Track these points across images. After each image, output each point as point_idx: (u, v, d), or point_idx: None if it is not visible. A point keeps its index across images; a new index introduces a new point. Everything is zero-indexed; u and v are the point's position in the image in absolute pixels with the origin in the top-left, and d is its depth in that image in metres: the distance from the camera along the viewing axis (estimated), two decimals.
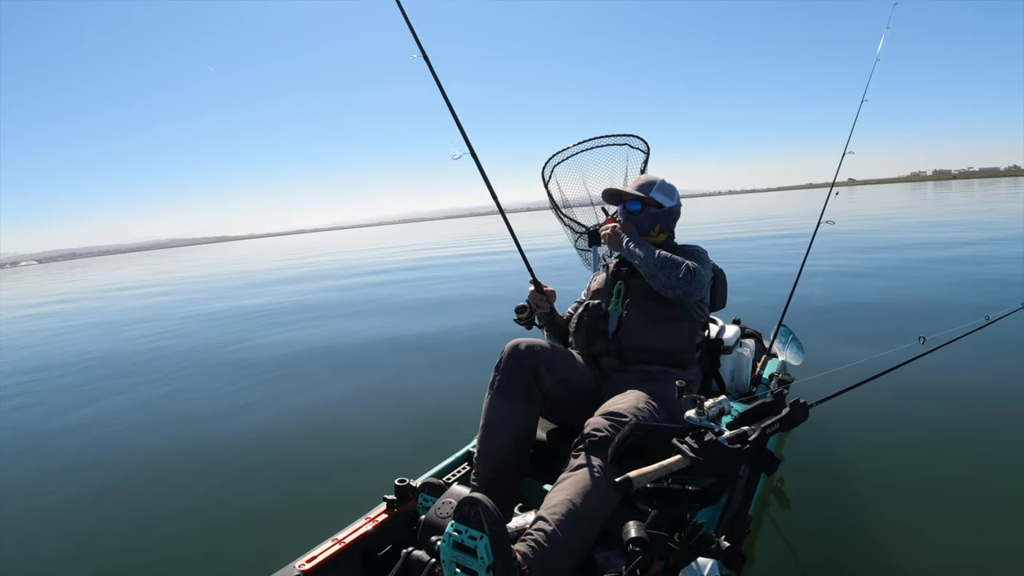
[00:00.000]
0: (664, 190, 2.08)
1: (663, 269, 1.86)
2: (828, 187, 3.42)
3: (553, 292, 2.20)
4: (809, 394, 1.50)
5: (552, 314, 2.21)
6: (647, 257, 1.90)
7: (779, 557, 2.07)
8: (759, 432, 1.35)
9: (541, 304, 2.16)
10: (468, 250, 18.02)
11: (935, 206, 24.59)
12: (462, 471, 2.03)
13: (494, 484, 1.67)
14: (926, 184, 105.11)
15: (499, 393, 1.78)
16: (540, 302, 2.16)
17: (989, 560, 1.96)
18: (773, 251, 11.11)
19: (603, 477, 1.46)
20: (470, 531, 1.23)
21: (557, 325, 2.22)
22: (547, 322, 2.21)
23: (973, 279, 6.74)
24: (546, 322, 2.21)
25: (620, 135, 2.61)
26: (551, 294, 2.19)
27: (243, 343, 6.52)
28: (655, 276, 1.87)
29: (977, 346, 2.82)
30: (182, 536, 2.50)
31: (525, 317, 2.17)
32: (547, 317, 2.20)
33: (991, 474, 2.48)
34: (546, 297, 2.17)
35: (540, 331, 2.26)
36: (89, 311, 12.26)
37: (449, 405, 3.76)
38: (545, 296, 2.17)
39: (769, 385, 2.68)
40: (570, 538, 1.37)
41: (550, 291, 2.20)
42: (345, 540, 1.65)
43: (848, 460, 2.69)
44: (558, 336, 2.23)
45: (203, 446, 3.50)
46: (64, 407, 4.67)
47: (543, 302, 2.16)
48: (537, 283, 2.19)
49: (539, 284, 2.19)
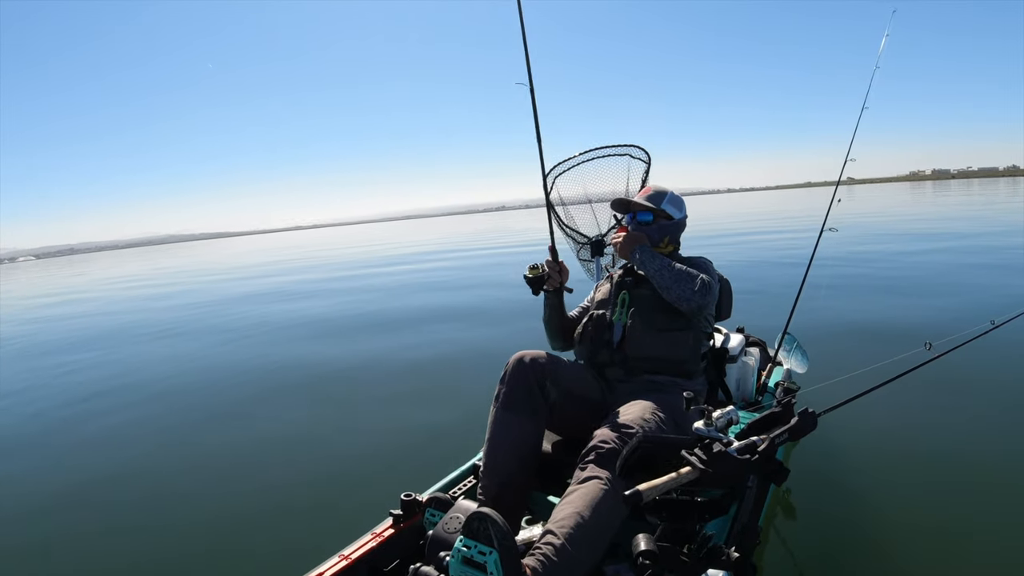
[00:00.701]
0: (674, 202, 2.11)
1: (678, 282, 1.86)
2: (826, 186, 3.42)
3: (567, 270, 2.11)
4: (815, 402, 1.49)
5: (559, 295, 2.12)
6: (662, 269, 1.89)
7: (789, 567, 2.05)
8: (768, 442, 1.34)
9: (554, 276, 2.07)
10: (469, 249, 18.06)
11: (934, 207, 24.60)
12: (468, 484, 2.02)
13: (501, 498, 1.66)
14: (925, 184, 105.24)
15: (504, 406, 1.77)
16: (554, 274, 2.07)
17: (1000, 570, 1.94)
18: (775, 254, 11.10)
19: (611, 489, 1.45)
20: (479, 546, 1.23)
21: (560, 312, 2.14)
22: (552, 302, 2.12)
23: (977, 282, 6.73)
24: (551, 302, 2.12)
25: (621, 145, 2.63)
26: (565, 271, 2.10)
27: (243, 353, 6.51)
28: (669, 288, 1.87)
29: (983, 351, 2.81)
30: (185, 554, 2.48)
31: (535, 276, 2.03)
32: (554, 297, 2.11)
33: (1002, 481, 2.47)
34: (560, 270, 2.08)
35: (545, 345, 2.24)
36: (96, 308, 12.25)
37: (454, 417, 3.75)
38: (559, 269, 2.08)
39: (775, 394, 2.67)
40: (579, 552, 1.37)
41: (565, 268, 2.11)
42: (351, 556, 1.64)
43: (855, 469, 2.67)
44: (557, 328, 2.17)
45: (201, 462, 3.49)
46: (61, 404, 4.66)
47: (556, 275, 2.07)
48: (555, 253, 2.11)
49: (556, 254, 2.11)
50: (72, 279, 27.77)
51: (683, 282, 1.86)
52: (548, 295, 2.12)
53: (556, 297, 2.12)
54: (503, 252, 17.51)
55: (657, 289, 1.91)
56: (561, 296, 2.13)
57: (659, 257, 1.94)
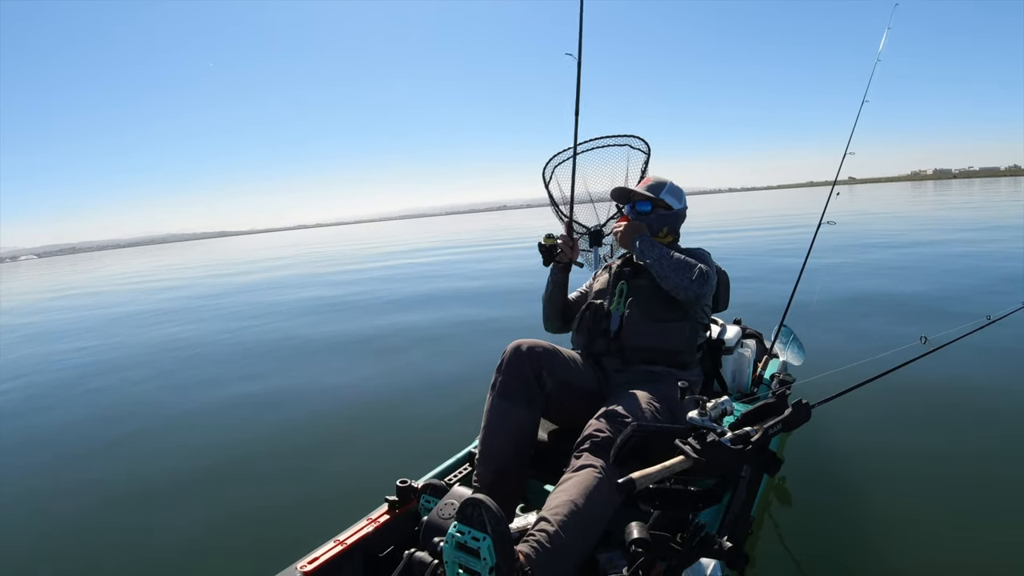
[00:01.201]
0: (673, 192, 2.10)
1: (676, 271, 1.87)
2: (828, 185, 3.42)
3: (579, 250, 2.17)
4: (811, 394, 1.50)
5: (567, 270, 2.15)
6: (660, 258, 1.90)
7: (781, 557, 2.07)
8: (761, 433, 1.35)
9: (566, 251, 2.10)
10: (469, 248, 18.05)
11: (934, 205, 24.60)
12: (464, 472, 2.03)
13: (496, 485, 1.67)
14: (926, 183, 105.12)
15: (500, 395, 1.77)
16: (566, 248, 2.10)
17: (992, 559, 1.96)
18: (774, 251, 11.11)
19: (606, 478, 1.46)
20: (473, 532, 1.23)
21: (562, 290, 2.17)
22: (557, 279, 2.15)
23: (974, 278, 6.74)
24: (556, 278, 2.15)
25: (621, 136, 2.61)
26: (576, 250, 2.14)
27: (242, 340, 6.52)
28: (667, 277, 1.87)
29: (978, 346, 2.82)
30: (182, 538, 2.50)
31: (549, 244, 2.07)
32: (561, 272, 2.15)
33: (994, 473, 2.49)
34: (572, 247, 2.11)
35: (543, 333, 2.24)
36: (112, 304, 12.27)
37: (450, 405, 3.76)
38: (572, 246, 2.12)
39: (770, 385, 2.68)
40: (573, 539, 1.37)
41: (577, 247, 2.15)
42: (347, 541, 1.65)
43: (849, 460, 2.69)
44: (557, 306, 2.19)
45: (200, 447, 3.50)
46: (60, 402, 4.68)
47: (568, 249, 2.11)
48: (571, 230, 2.17)
49: (572, 231, 2.17)
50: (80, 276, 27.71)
51: (681, 271, 1.86)
52: (555, 269, 2.15)
53: (563, 272, 2.15)
54: (503, 251, 17.48)
55: (656, 278, 1.92)
56: (568, 272, 2.16)
57: (658, 246, 1.94)
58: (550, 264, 2.13)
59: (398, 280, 11.51)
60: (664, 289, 1.91)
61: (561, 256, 2.10)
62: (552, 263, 2.12)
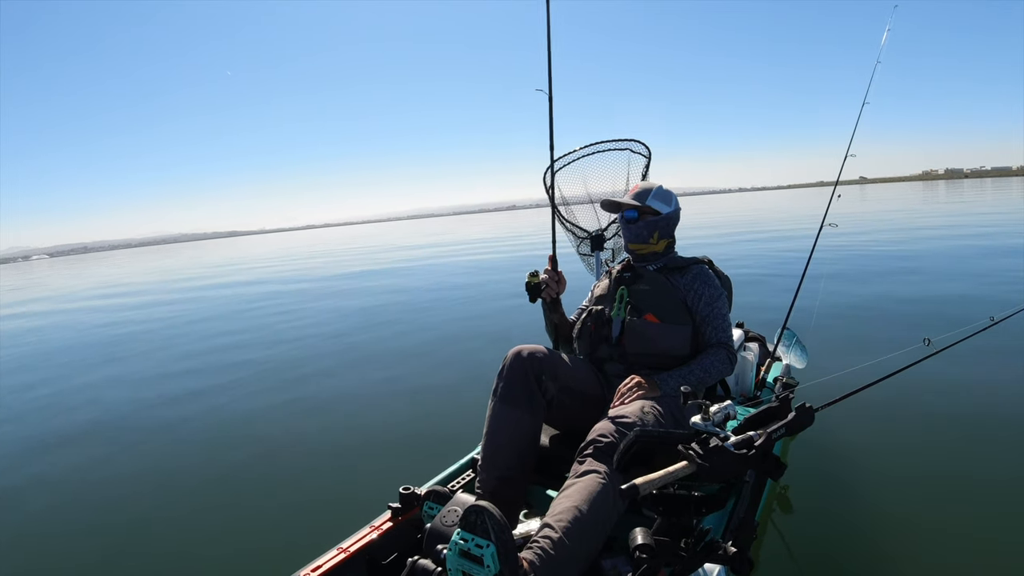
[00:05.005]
0: (661, 196, 2.06)
1: (712, 375, 1.90)
2: (839, 184, 3.41)
3: (565, 281, 2.12)
4: (814, 398, 1.49)
5: (556, 304, 2.12)
6: (697, 382, 1.87)
7: (786, 562, 2.06)
8: (765, 437, 1.34)
9: (551, 285, 2.07)
10: (473, 248, 18.04)
11: (940, 204, 24.55)
12: (467, 478, 2.03)
13: (499, 491, 1.66)
14: (938, 183, 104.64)
15: (502, 400, 1.77)
16: (551, 283, 2.08)
17: (999, 564, 1.94)
18: (776, 253, 11.09)
19: (609, 483, 1.45)
20: (476, 539, 1.23)
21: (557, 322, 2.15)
22: (550, 309, 2.13)
23: (977, 279, 6.72)
24: (549, 309, 2.13)
25: (622, 140, 2.62)
26: (563, 281, 2.11)
27: (246, 348, 6.52)
28: (709, 381, 1.91)
29: (982, 347, 2.81)
30: (185, 546, 2.50)
31: (534, 283, 2.04)
32: (551, 305, 2.11)
33: (1000, 477, 2.47)
34: (558, 280, 2.09)
35: (543, 339, 2.24)
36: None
37: (453, 411, 3.75)
38: (557, 279, 2.09)
39: (773, 389, 2.68)
40: (576, 545, 1.37)
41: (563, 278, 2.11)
42: (350, 549, 1.64)
43: (853, 463, 2.68)
44: (563, 336, 2.17)
45: (202, 455, 3.50)
46: (67, 408, 4.68)
47: (553, 284, 2.08)
48: (554, 262, 2.13)
49: (556, 263, 2.12)
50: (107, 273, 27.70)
51: (713, 373, 1.89)
52: (544, 306, 2.13)
53: (552, 307, 2.12)
54: (503, 250, 17.47)
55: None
56: (558, 306, 2.13)
57: (681, 375, 1.86)
58: (537, 301, 2.10)
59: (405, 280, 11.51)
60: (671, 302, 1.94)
61: (547, 293, 2.07)
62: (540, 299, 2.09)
